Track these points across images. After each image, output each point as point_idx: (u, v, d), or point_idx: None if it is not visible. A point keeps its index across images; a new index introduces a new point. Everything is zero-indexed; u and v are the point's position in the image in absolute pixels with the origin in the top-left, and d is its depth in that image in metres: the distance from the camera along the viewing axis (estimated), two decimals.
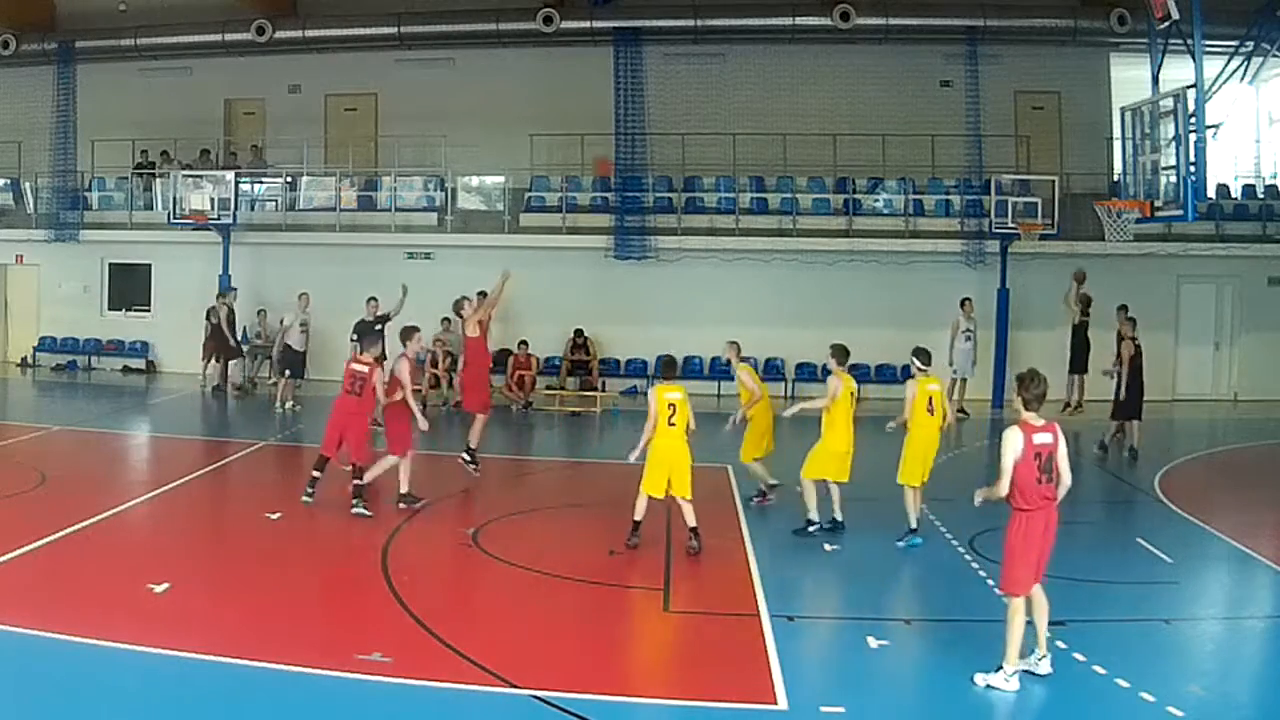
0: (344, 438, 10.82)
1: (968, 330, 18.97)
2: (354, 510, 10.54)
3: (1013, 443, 6.65)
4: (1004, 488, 6.64)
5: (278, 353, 18.90)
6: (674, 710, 6.24)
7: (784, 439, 11.53)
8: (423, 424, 10.87)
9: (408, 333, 11.17)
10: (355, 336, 16.38)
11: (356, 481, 10.67)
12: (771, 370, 20.91)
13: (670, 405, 9.45)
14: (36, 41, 22.00)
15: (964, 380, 18.80)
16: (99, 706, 6.14)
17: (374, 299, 17.31)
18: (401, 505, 10.73)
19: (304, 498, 10.86)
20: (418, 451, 11.29)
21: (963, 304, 19.00)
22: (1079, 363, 18.31)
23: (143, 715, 6.09)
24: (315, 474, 10.86)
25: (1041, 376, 6.85)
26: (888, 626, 7.63)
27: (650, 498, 9.44)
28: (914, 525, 9.87)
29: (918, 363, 10.29)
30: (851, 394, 10.47)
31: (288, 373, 18.47)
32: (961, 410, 17.85)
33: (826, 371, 11.04)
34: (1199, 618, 8.34)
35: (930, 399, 10.04)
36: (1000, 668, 6.58)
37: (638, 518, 9.49)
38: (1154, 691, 6.40)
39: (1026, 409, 6.78)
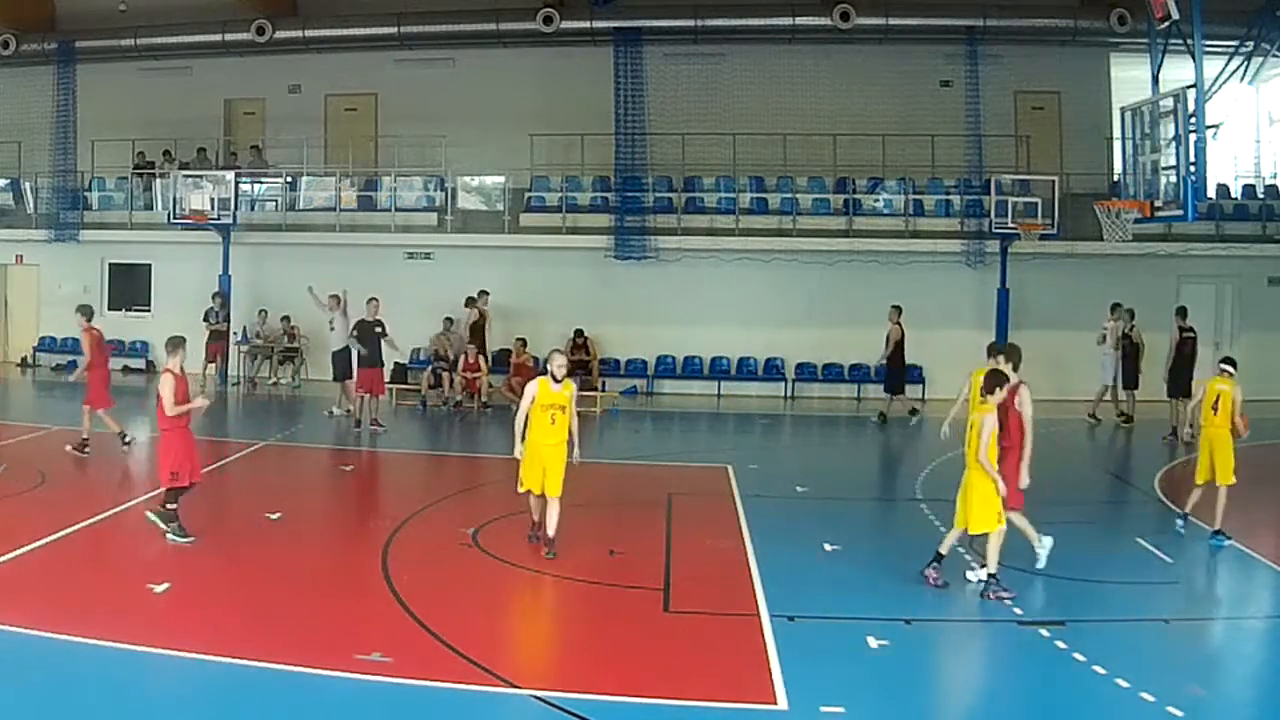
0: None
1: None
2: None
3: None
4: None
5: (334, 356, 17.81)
6: (674, 710, 6.20)
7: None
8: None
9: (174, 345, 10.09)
10: (355, 334, 16.34)
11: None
12: (771, 370, 20.97)
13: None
14: (37, 41, 22.05)
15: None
16: (97, 706, 6.12)
17: (374, 299, 17.30)
18: None
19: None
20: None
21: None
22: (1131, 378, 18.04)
23: (141, 715, 6.08)
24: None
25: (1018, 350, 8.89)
26: (888, 626, 7.58)
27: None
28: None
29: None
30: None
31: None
32: (1094, 416, 17.93)
33: (831, 372, 10.89)
34: (1199, 617, 8.31)
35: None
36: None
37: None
38: (1154, 691, 6.38)
39: (1015, 371, 8.54)
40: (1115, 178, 19.08)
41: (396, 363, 18.57)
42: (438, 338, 19.13)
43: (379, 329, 16.20)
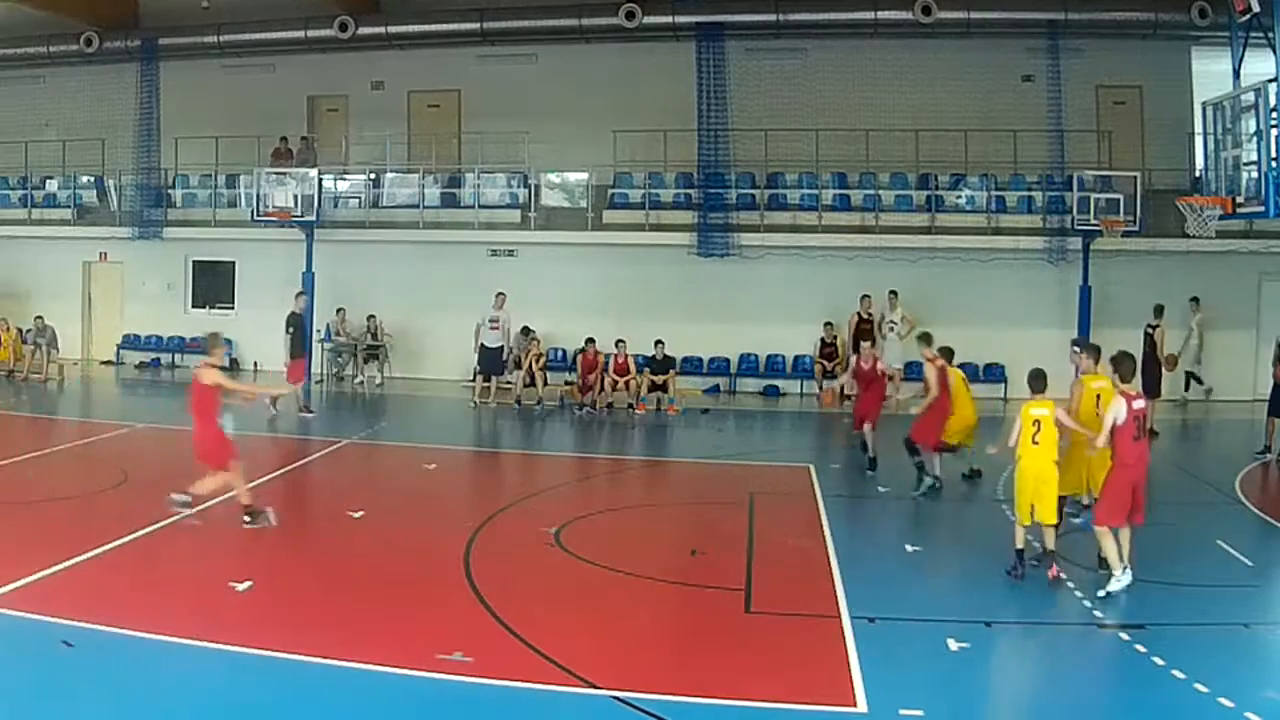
0: None
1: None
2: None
3: (1117, 407, 8.34)
4: (1102, 439, 8.46)
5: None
6: (753, 712, 6.20)
7: None
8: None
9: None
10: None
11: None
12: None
13: (1035, 422, 8.81)
14: (120, 39, 22.15)
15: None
16: (178, 704, 6.18)
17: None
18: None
19: None
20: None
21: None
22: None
23: (221, 713, 6.12)
24: None
25: (1131, 357, 8.79)
26: (968, 629, 7.61)
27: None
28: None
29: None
30: None
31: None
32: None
33: (914, 370, 11.19)
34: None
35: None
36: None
37: None
38: (1233, 697, 6.39)
39: (1124, 382, 8.58)
40: (1197, 174, 19.06)
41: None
42: (520, 344, 19.41)
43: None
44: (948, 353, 12.30)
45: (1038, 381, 9.16)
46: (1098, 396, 9.68)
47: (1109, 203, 19.54)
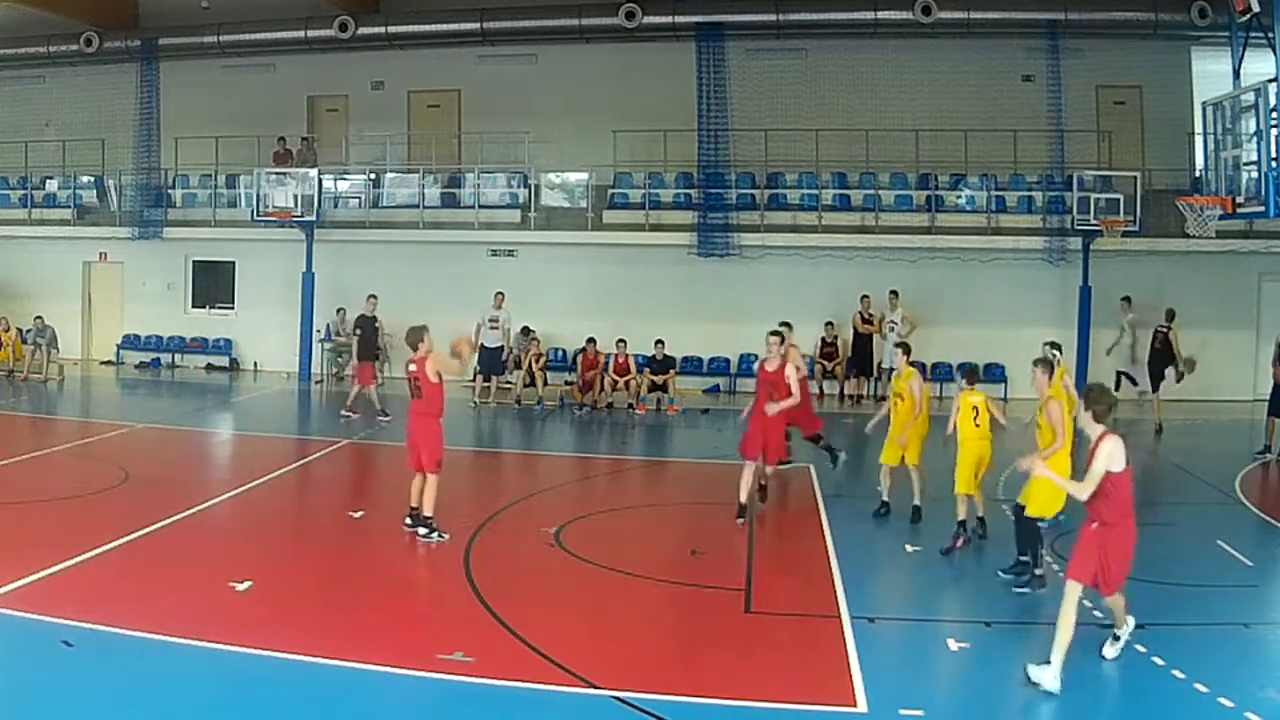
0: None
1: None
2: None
3: (1116, 448, 6.62)
4: (1086, 491, 6.65)
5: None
6: (754, 712, 6.22)
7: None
8: None
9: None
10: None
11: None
12: (852, 369, 21.06)
13: (973, 408, 9.73)
14: (120, 39, 22.16)
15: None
16: (179, 705, 6.18)
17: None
18: None
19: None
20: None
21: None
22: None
23: (221, 713, 6.15)
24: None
25: (1106, 390, 6.95)
26: (968, 629, 7.66)
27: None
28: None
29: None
30: None
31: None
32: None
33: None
34: None
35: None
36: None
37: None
38: (1233, 697, 6.41)
39: (1099, 421, 6.72)
40: (1197, 174, 19.07)
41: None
42: (520, 344, 19.39)
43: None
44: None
45: (971, 375, 10.20)
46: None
47: (1109, 203, 19.60)
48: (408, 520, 9.89)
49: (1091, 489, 6.64)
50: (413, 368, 9.92)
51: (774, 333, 11.17)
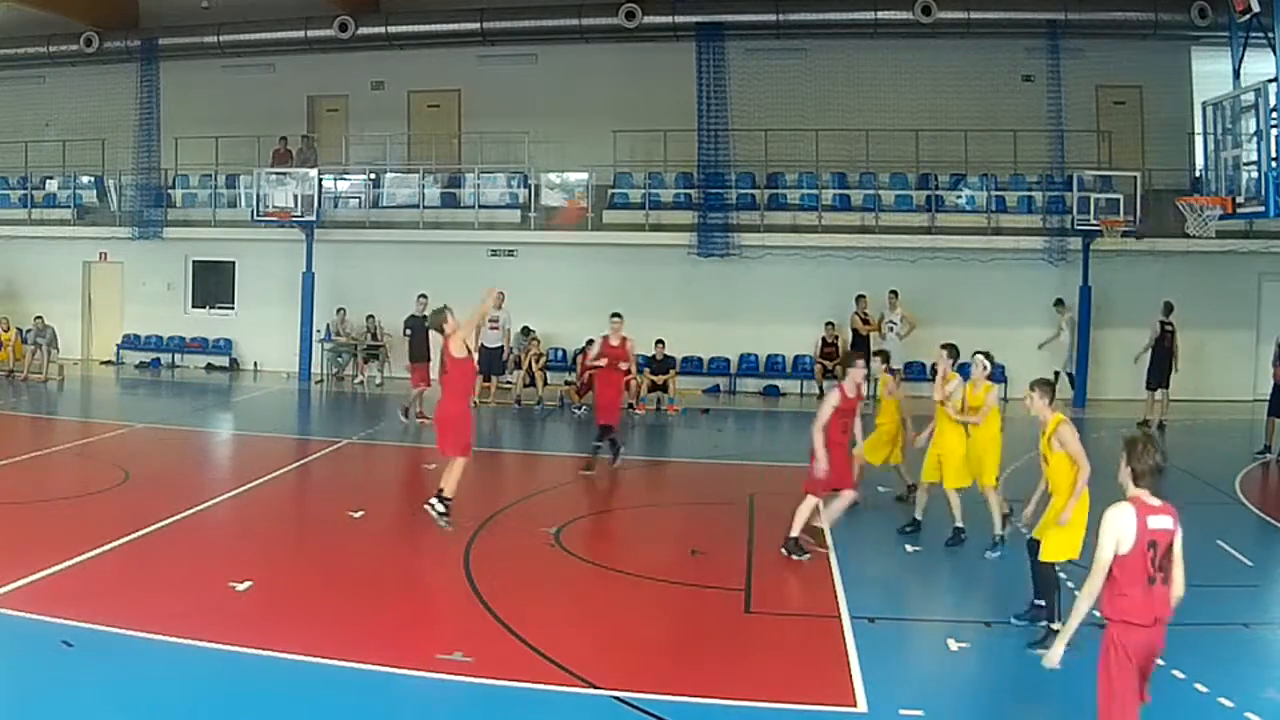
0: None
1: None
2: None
3: (1120, 522, 5.00)
4: (1097, 585, 5.05)
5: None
6: (753, 712, 6.21)
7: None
8: None
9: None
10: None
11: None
12: None
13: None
14: (120, 39, 22.17)
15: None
16: (179, 705, 6.18)
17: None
18: None
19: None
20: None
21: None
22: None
23: (221, 713, 6.14)
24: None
25: (1156, 444, 5.18)
26: (968, 629, 7.66)
27: None
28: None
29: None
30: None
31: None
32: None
33: (914, 369, 11.21)
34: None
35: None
36: None
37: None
38: (1233, 697, 6.41)
39: (1137, 484, 5.09)
40: (1197, 174, 19.08)
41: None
42: (520, 343, 19.39)
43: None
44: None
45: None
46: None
47: (1109, 203, 19.60)
48: (432, 499, 9.97)
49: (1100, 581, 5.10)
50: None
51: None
